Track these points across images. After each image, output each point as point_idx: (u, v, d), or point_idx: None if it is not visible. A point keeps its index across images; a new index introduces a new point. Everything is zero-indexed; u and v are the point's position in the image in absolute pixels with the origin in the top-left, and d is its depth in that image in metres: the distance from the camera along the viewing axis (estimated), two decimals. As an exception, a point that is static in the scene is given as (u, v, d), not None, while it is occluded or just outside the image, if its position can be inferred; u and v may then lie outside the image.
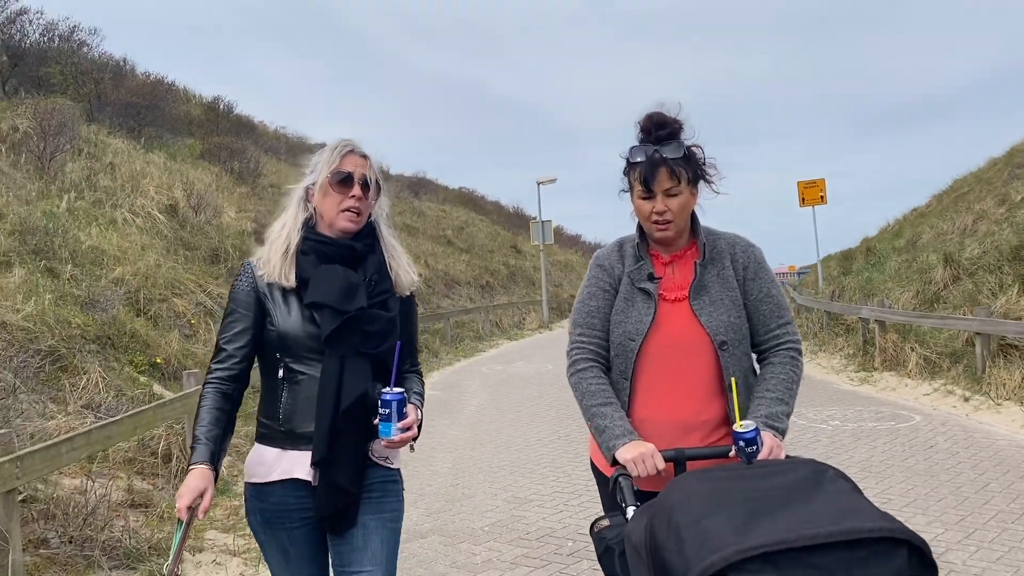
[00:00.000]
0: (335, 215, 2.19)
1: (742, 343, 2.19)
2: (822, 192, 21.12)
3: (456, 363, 15.43)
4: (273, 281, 2.18)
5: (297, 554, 2.21)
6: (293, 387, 2.15)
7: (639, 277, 2.22)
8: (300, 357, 2.15)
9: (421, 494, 6.05)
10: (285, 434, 2.16)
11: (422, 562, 4.56)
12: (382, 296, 2.22)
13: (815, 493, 1.58)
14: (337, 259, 2.19)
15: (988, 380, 8.40)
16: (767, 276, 2.25)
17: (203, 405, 2.18)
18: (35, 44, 17.62)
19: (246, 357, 2.21)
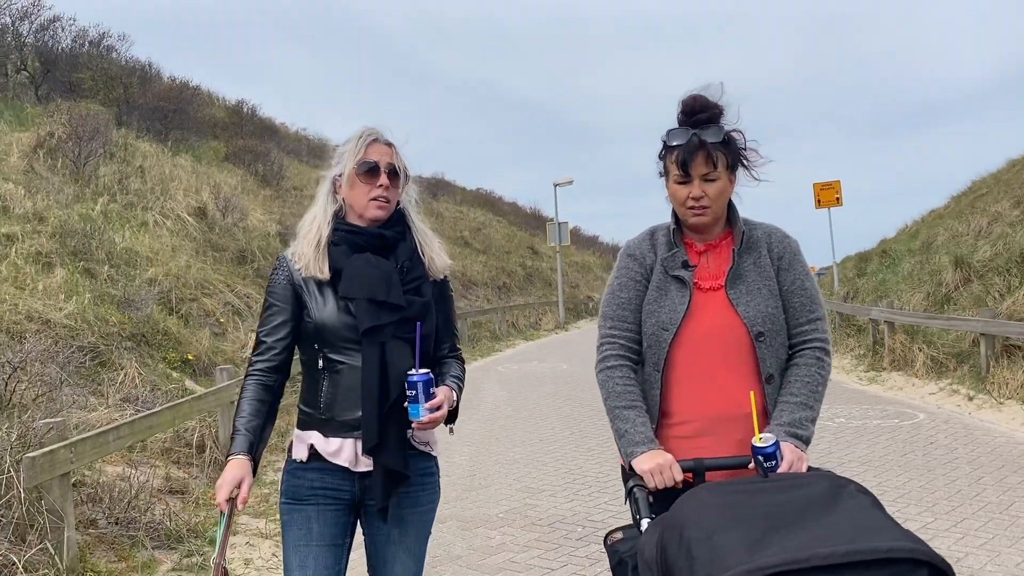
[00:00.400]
0: (364, 204, 2.21)
1: (779, 335, 2.12)
2: (838, 194, 21.27)
3: (473, 362, 15.77)
4: (308, 274, 2.20)
5: (319, 533, 2.22)
6: (333, 376, 2.19)
7: (673, 265, 2.15)
8: (338, 347, 2.18)
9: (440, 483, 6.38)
10: (326, 422, 2.20)
11: (440, 544, 4.89)
12: (415, 282, 2.24)
13: (832, 509, 1.54)
14: (368, 248, 2.21)
15: (992, 379, 8.62)
16: (802, 268, 2.18)
17: (244, 396, 2.22)
18: (67, 50, 18.13)
19: (286, 349, 2.25)
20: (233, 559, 4.81)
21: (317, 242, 2.21)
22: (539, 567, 4.44)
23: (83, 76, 17.09)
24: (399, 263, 2.22)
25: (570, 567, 4.43)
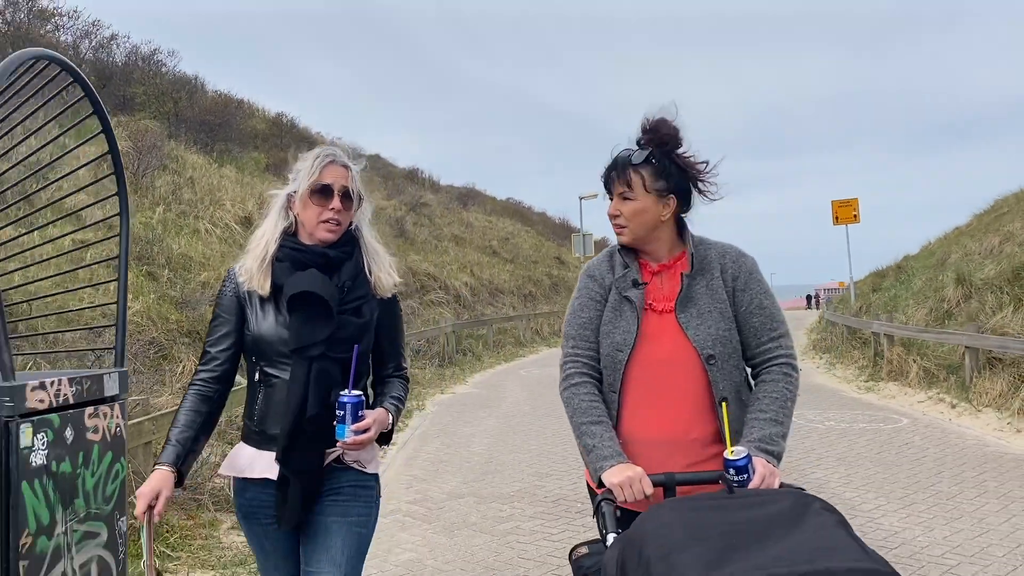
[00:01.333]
0: (315, 225, 2.23)
1: (732, 357, 2.12)
2: (855, 211, 21.82)
3: (497, 366, 16.60)
4: (251, 288, 2.23)
5: (273, 548, 2.26)
6: (268, 390, 2.21)
7: (624, 285, 2.17)
8: (274, 361, 2.20)
9: (460, 467, 7.21)
10: (259, 435, 2.22)
11: (459, 515, 5.71)
12: (355, 303, 2.23)
13: (796, 527, 1.53)
14: (311, 266, 2.21)
15: (974, 389, 9.28)
16: (759, 287, 2.17)
17: (182, 407, 2.24)
18: (120, 66, 19.30)
19: (229, 360, 2.26)
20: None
21: (263, 258, 2.22)
22: (541, 533, 5.25)
23: (136, 91, 18.25)
24: (341, 282, 2.22)
25: (567, 533, 5.23)
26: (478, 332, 19.03)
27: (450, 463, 7.43)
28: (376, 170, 32.43)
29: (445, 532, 5.32)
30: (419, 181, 35.49)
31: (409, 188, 31.01)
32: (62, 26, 17.89)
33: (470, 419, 9.88)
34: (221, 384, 2.27)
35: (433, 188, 35.93)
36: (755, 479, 1.86)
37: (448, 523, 5.52)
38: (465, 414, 10.31)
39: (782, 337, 2.15)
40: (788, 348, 2.16)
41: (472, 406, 11.00)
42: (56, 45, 17.50)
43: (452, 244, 25.86)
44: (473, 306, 20.87)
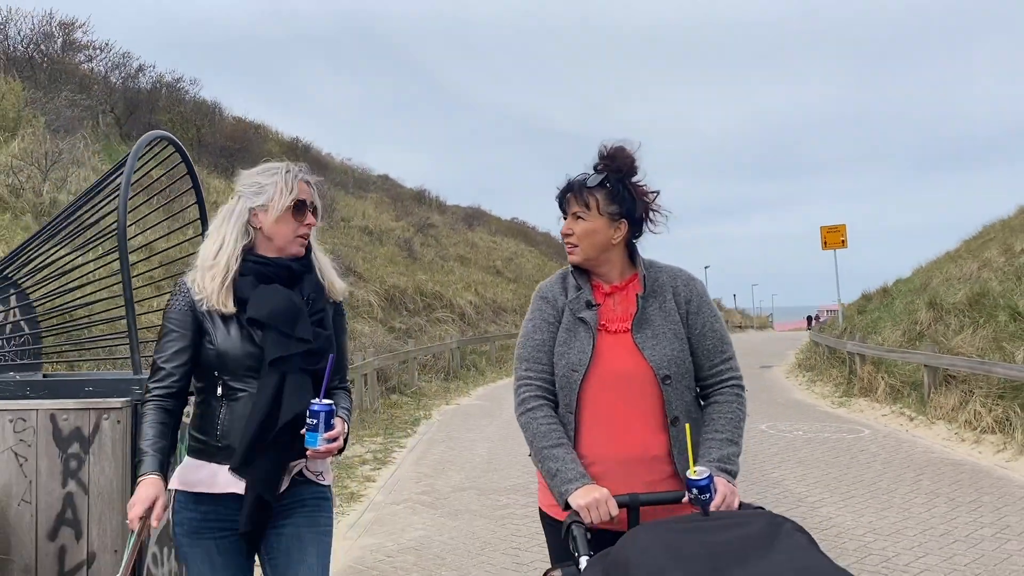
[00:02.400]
0: (290, 240, 2.22)
1: (684, 377, 2.16)
2: (843, 237, 22.79)
3: (499, 380, 17.54)
4: (211, 307, 2.18)
5: (223, 564, 2.22)
6: (232, 404, 2.17)
7: (578, 306, 2.20)
8: (239, 375, 2.17)
9: (463, 466, 8.16)
10: (222, 449, 2.17)
11: (462, 503, 6.66)
12: (320, 314, 2.25)
13: (771, 548, 1.58)
14: (275, 279, 2.21)
15: (930, 403, 10.20)
16: (710, 310, 2.24)
17: (146, 421, 2.17)
18: (146, 93, 20.42)
19: (184, 375, 2.21)
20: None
21: (223, 277, 2.18)
22: (532, 518, 6.18)
23: (162, 118, 19.34)
24: (305, 295, 2.23)
25: (553, 517, 6.17)
26: (481, 348, 19.98)
27: (454, 463, 8.38)
28: (385, 191, 33.50)
29: (450, 516, 6.27)
30: (426, 202, 36.57)
31: (417, 209, 32.09)
32: (94, 57, 19.02)
33: (473, 427, 10.83)
34: (176, 399, 2.22)
35: (440, 209, 37.00)
36: (717, 498, 1.89)
37: (452, 510, 6.47)
38: (468, 422, 11.26)
39: (731, 359, 2.23)
40: (737, 370, 2.23)
41: (475, 416, 11.95)
42: (90, 75, 18.62)
43: (458, 264, 26.87)
44: (477, 323, 21.85)
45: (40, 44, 17.77)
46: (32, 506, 3.29)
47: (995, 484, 6.95)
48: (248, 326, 2.17)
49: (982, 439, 8.73)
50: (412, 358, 14.82)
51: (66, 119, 13.32)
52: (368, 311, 16.30)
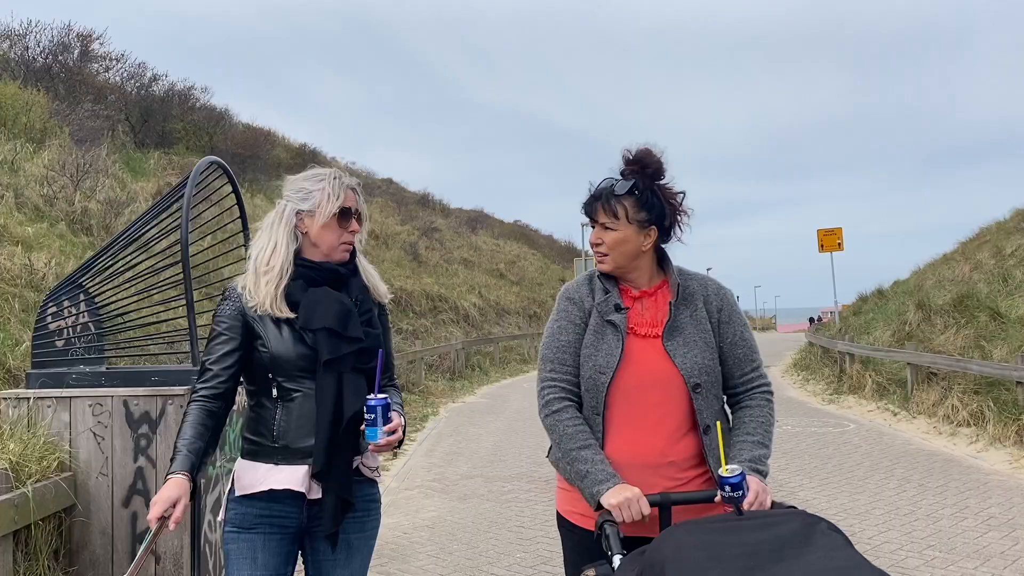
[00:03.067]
0: (335, 247, 2.27)
1: (714, 386, 2.16)
2: (839, 240, 23.33)
3: (502, 380, 18.13)
4: (263, 312, 2.22)
5: (264, 563, 2.24)
6: (288, 405, 2.22)
7: (607, 309, 2.19)
8: (292, 376, 2.22)
9: (470, 457, 8.74)
10: (279, 450, 2.22)
11: (470, 489, 7.23)
12: (367, 315, 2.31)
13: (807, 547, 1.57)
14: (323, 283, 2.25)
15: (912, 399, 10.76)
16: (740, 320, 2.24)
17: (186, 420, 2.21)
18: (160, 103, 21.02)
19: (230, 377, 2.25)
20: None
21: (278, 283, 2.22)
22: (535, 501, 6.76)
23: (176, 126, 19.95)
24: (352, 296, 2.28)
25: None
26: (485, 349, 20.55)
27: (462, 454, 8.96)
28: (390, 195, 34.08)
29: (459, 500, 6.85)
30: (431, 206, 37.15)
31: (421, 213, 32.67)
32: (111, 68, 19.62)
33: (478, 422, 11.41)
34: (223, 401, 2.27)
35: (444, 212, 37.58)
36: (750, 496, 1.90)
37: (461, 494, 7.04)
38: (474, 418, 11.84)
39: (760, 366, 2.24)
40: (766, 377, 2.25)
41: (480, 412, 12.54)
42: (106, 85, 19.22)
43: (462, 267, 27.44)
44: (481, 325, 22.42)
45: (59, 55, 18.38)
46: (108, 478, 3.90)
47: (963, 471, 7.51)
48: (300, 328, 2.21)
49: (957, 432, 9.30)
50: (419, 358, 15.40)
51: (88, 130, 13.92)
52: (377, 313, 16.91)
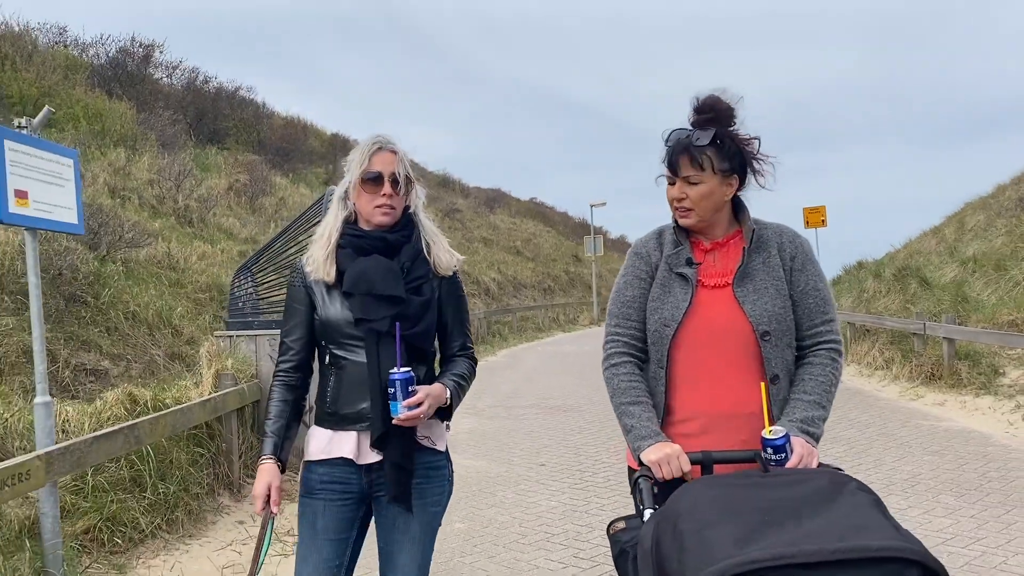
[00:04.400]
0: (370, 211, 2.31)
1: (786, 335, 2.09)
2: (823, 217, 25.58)
3: (520, 344, 20.79)
4: (317, 277, 2.31)
5: (324, 527, 2.30)
6: (338, 372, 2.30)
7: (677, 262, 2.15)
8: (342, 344, 2.29)
9: (493, 394, 11.38)
10: (332, 416, 2.30)
11: (494, 412, 9.85)
12: (416, 282, 2.31)
13: (830, 506, 1.54)
14: (372, 251, 2.30)
15: (849, 351, 13.31)
16: (815, 269, 2.16)
17: (271, 400, 2.36)
18: (211, 103, 23.61)
19: (304, 347, 2.36)
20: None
21: (327, 247, 2.31)
22: (546, 421, 9.34)
23: (227, 125, 22.55)
24: (401, 263, 2.31)
25: (562, 423, 9.34)
26: (504, 319, 23.20)
27: (487, 392, 11.60)
28: (412, 178, 36.55)
29: (487, 419, 9.48)
30: (451, 186, 39.68)
31: (443, 195, 35.21)
32: (171, 73, 22.23)
33: (499, 374, 14.06)
34: (301, 372, 2.37)
35: (463, 192, 40.09)
36: (793, 459, 1.87)
37: (488, 416, 9.68)
38: (496, 372, 14.48)
39: (833, 322, 2.15)
40: (837, 334, 2.15)
41: (500, 368, 15.19)
42: (164, 89, 21.82)
43: (481, 245, 30.04)
44: (500, 298, 25.05)
45: (126, 64, 20.98)
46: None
47: (866, 399, 10.04)
48: (344, 293, 2.27)
49: (874, 373, 11.84)
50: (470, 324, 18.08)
51: (169, 135, 16.54)
52: (410, 287, 19.59)
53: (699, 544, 1.48)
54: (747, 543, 1.44)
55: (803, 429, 1.99)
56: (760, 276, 2.12)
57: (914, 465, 6.54)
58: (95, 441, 4.15)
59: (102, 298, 7.80)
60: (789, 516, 1.51)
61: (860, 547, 1.39)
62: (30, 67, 14.66)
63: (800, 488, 1.60)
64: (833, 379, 2.10)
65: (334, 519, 2.30)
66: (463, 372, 2.41)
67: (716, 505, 1.58)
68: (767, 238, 2.17)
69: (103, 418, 5.35)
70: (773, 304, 2.08)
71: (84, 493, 4.69)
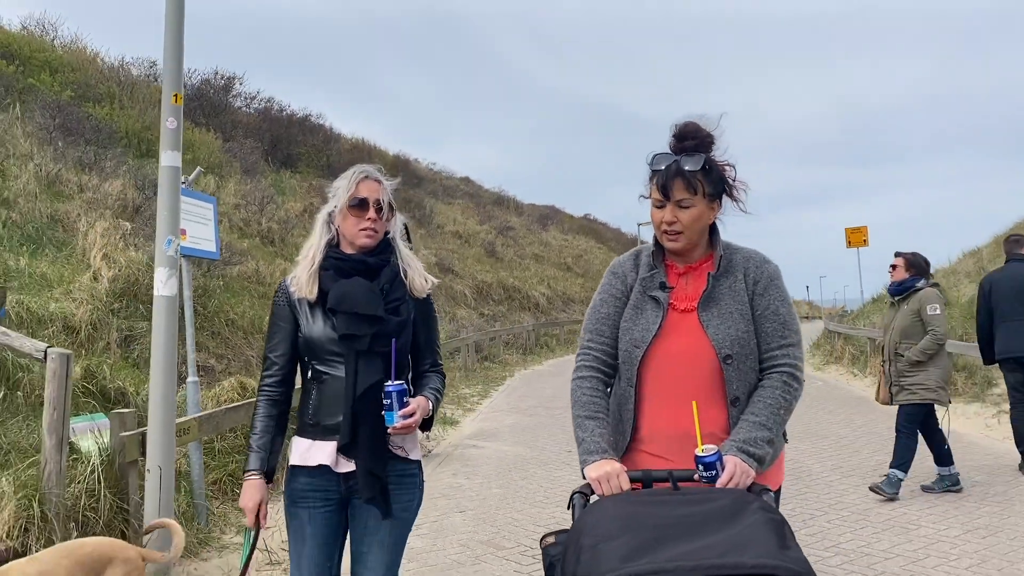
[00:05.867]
0: (355, 234, 2.45)
1: (748, 358, 2.14)
2: (865, 236, 26.31)
3: (566, 355, 22.12)
4: (301, 295, 2.45)
5: (312, 533, 2.44)
6: (320, 386, 2.43)
7: (651, 285, 2.22)
8: (324, 359, 2.43)
9: (536, 397, 12.75)
10: (314, 427, 2.44)
11: (534, 411, 11.22)
12: (395, 303, 2.45)
13: (727, 524, 1.61)
14: (353, 273, 2.45)
15: (870, 365, 14.34)
16: (777, 293, 2.20)
17: (256, 414, 2.48)
18: (285, 130, 25.57)
19: (288, 363, 2.49)
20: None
21: (310, 268, 2.45)
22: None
23: (300, 151, 24.46)
24: (380, 285, 2.45)
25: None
26: (552, 332, 24.57)
27: (530, 396, 12.99)
28: (469, 196, 38.25)
29: (527, 416, 10.85)
30: (505, 204, 41.24)
31: (497, 213, 36.79)
32: (250, 104, 24.26)
33: (544, 380, 15.45)
34: (285, 386, 2.51)
35: (517, 210, 41.60)
36: (723, 476, 1.91)
37: (528, 415, 11.05)
38: (541, 378, 15.87)
39: (791, 346, 2.17)
40: (795, 358, 2.17)
41: (545, 375, 16.58)
42: (243, 119, 23.82)
43: (533, 262, 31.48)
44: (549, 311, 26.44)
45: (209, 95, 23.04)
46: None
47: (867, 405, 11.12)
48: (327, 311, 2.42)
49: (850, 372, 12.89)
50: (498, 336, 19.53)
51: (250, 162, 18.39)
52: (464, 300, 21.10)
53: (591, 558, 1.58)
54: (635, 557, 1.52)
55: (742, 449, 2.02)
56: (725, 301, 2.18)
57: (886, 456, 7.70)
58: (227, 412, 5.67)
59: (208, 308, 9.43)
60: (685, 533, 1.59)
61: (735, 563, 1.47)
62: (133, 103, 16.63)
63: (704, 507, 1.69)
64: (783, 402, 2.12)
65: (321, 526, 2.45)
66: (437, 387, 2.54)
67: (617, 521, 1.67)
68: (735, 263, 2.24)
69: (221, 400, 6.90)
70: (736, 328, 2.14)
71: (213, 454, 6.22)
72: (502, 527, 5.62)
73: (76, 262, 8.78)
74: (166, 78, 4.02)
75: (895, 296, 6.55)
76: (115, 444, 4.39)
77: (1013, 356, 6.69)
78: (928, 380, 6.19)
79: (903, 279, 6.43)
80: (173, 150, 3.97)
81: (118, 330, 7.57)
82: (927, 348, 6.14)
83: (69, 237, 9.44)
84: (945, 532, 5.13)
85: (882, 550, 4.78)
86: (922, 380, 6.19)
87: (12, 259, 7.93)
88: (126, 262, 8.57)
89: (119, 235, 9.31)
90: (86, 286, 7.91)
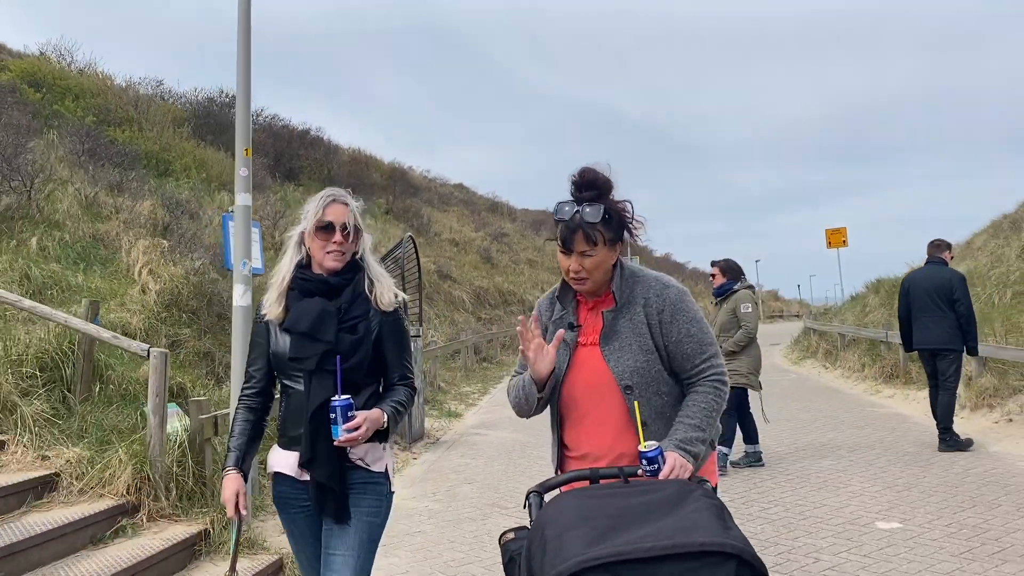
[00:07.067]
0: (322, 256, 2.56)
1: (650, 385, 2.30)
2: (844, 237, 27.46)
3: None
4: (271, 316, 2.60)
5: (300, 534, 2.65)
6: (287, 399, 2.60)
7: (561, 324, 2.39)
8: (288, 375, 2.58)
9: (532, 393, 13.89)
10: (283, 437, 2.62)
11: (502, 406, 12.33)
12: (352, 321, 2.55)
13: (674, 510, 1.78)
14: (316, 292, 2.56)
15: (839, 358, 15.49)
16: (685, 316, 2.33)
17: (235, 420, 2.65)
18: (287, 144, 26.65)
19: (264, 376, 2.65)
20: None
21: (280, 290, 2.59)
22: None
23: (302, 164, 25.56)
24: (339, 305, 2.55)
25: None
26: (547, 333, 25.65)
27: (527, 392, 14.08)
28: (463, 203, 39.35)
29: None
30: (499, 210, 42.34)
31: (491, 219, 37.90)
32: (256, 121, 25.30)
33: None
34: (262, 396, 2.67)
35: (511, 216, 42.71)
36: (665, 469, 2.06)
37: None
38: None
39: (712, 357, 2.34)
40: (718, 366, 2.34)
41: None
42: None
43: (527, 266, 32.60)
44: (544, 315, 27.50)
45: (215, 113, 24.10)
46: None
47: (835, 394, 12.28)
48: (285, 331, 2.56)
49: (852, 375, 14.06)
50: (495, 338, 20.67)
51: (259, 178, 19.48)
52: (463, 305, 22.23)
53: (557, 546, 1.71)
54: (596, 543, 1.66)
55: (679, 446, 2.18)
56: (625, 334, 2.31)
57: (836, 433, 8.86)
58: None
59: (238, 315, 10.52)
60: (638, 520, 1.74)
61: (685, 543, 1.63)
62: (150, 126, 17.72)
63: (652, 496, 1.84)
64: (714, 405, 2.29)
65: (304, 528, 2.63)
66: (401, 399, 2.60)
67: (577, 512, 1.80)
68: (635, 295, 2.35)
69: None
70: (635, 360, 2.28)
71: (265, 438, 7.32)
72: (505, 493, 6.76)
73: (122, 277, 9.87)
74: (238, 136, 5.14)
75: (717, 298, 7.51)
76: (195, 425, 5.50)
77: (925, 347, 7.80)
78: (741, 367, 7.13)
79: (722, 283, 7.42)
80: (245, 192, 5.09)
81: (166, 336, 8.67)
82: (740, 340, 7.13)
83: (111, 254, 10.53)
84: (868, 488, 6.26)
85: (813, 503, 5.92)
86: (736, 367, 7.10)
87: (72, 276, 9.03)
88: (168, 276, 9.67)
89: (158, 252, 10.41)
90: (136, 298, 9.00)
